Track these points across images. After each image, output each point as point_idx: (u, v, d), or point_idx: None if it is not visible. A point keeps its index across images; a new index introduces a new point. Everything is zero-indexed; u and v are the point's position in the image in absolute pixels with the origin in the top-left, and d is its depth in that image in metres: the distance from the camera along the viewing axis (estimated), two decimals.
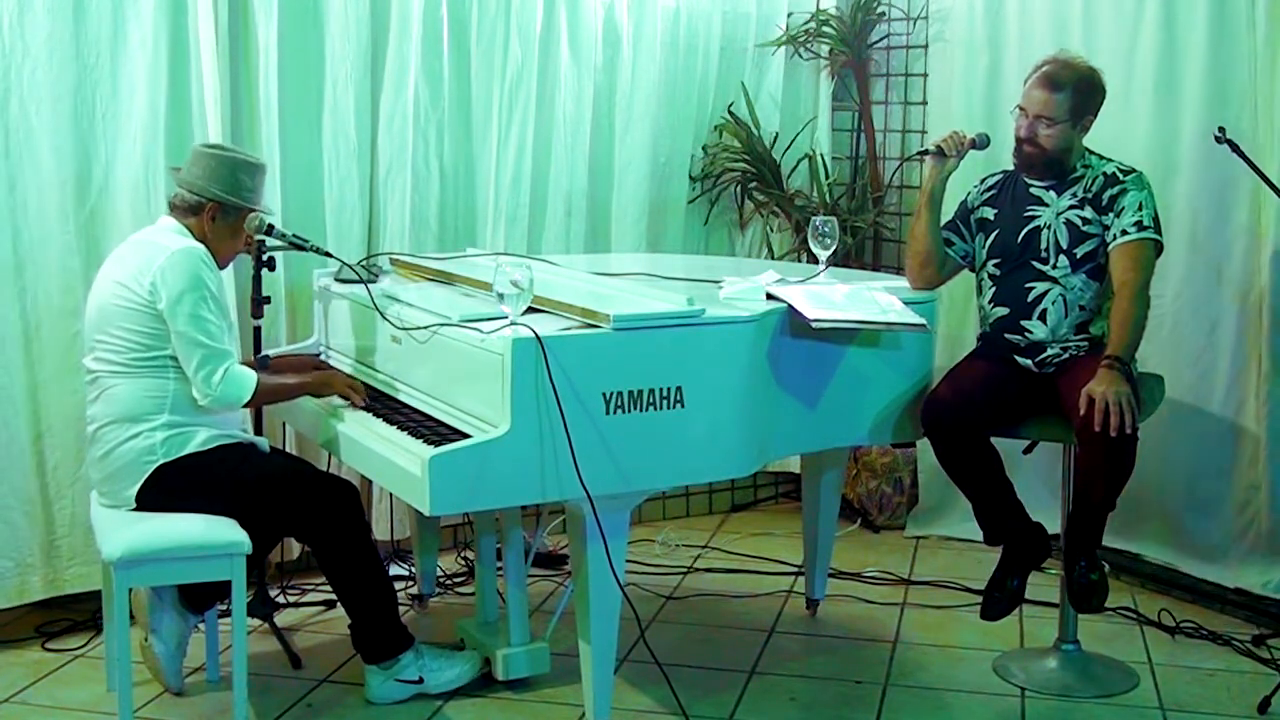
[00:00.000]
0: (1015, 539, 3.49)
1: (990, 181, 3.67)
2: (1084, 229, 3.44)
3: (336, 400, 3.38)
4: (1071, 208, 3.46)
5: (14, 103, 3.59)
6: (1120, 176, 3.44)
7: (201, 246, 3.23)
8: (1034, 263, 3.48)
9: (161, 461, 3.18)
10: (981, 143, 3.62)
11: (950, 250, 3.67)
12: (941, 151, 3.59)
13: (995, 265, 3.57)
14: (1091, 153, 3.52)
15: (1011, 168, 3.59)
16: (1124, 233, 3.39)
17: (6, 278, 3.64)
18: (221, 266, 3.35)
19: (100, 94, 3.72)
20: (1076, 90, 3.42)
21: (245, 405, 3.25)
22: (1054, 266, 3.45)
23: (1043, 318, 3.47)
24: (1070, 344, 3.45)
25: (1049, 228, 3.47)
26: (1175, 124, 4.00)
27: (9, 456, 3.68)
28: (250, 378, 3.20)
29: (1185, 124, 3.97)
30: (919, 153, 3.76)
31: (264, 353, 3.60)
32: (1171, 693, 3.50)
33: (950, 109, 4.67)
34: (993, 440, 3.44)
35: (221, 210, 3.29)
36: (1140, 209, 3.39)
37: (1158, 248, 3.41)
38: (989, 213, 3.61)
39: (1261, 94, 3.78)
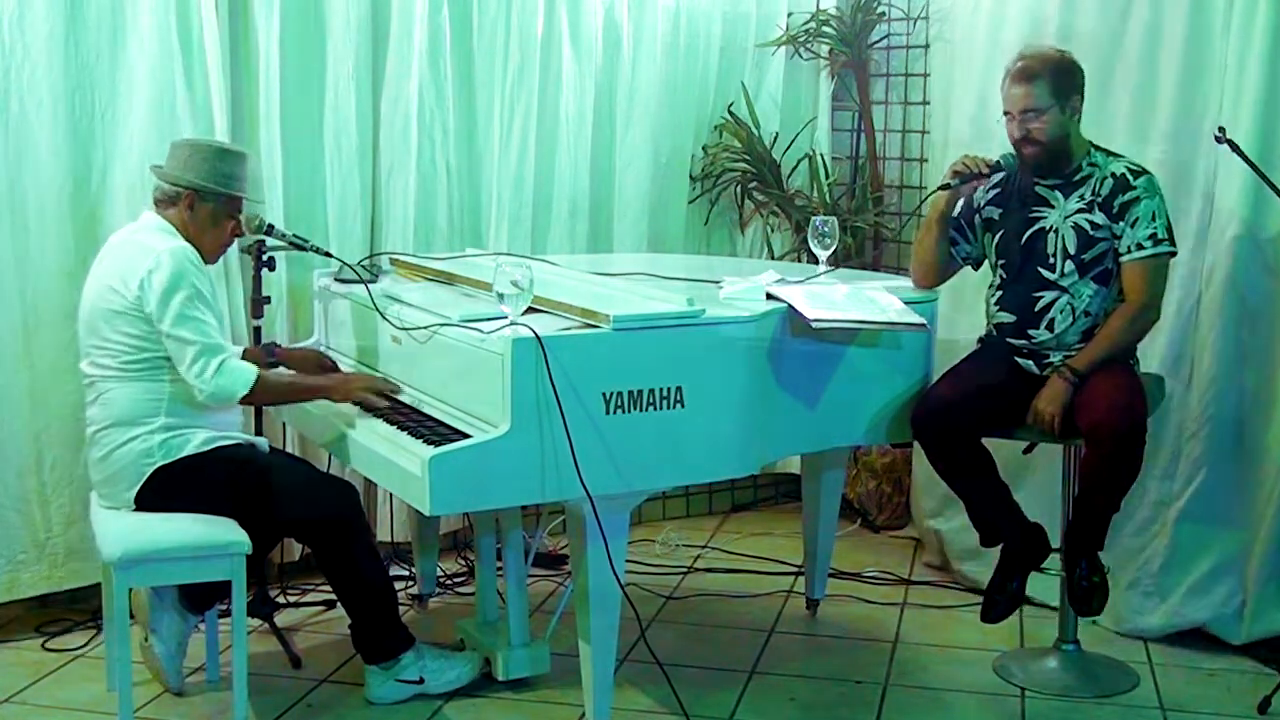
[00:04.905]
0: (1012, 540, 3.48)
1: (996, 178, 3.57)
2: (1093, 234, 3.39)
3: (344, 406, 3.33)
4: (1080, 211, 3.41)
5: (13, 102, 3.61)
6: (1131, 180, 3.38)
7: (188, 245, 3.20)
8: (1040, 269, 3.44)
9: (160, 463, 3.17)
10: (1006, 165, 3.48)
11: (954, 250, 3.64)
12: (965, 177, 3.47)
13: (1002, 267, 3.54)
14: (1097, 149, 3.46)
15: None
16: (1139, 246, 3.35)
17: (6, 275, 3.65)
18: (210, 261, 3.31)
19: (99, 94, 3.73)
20: (1052, 75, 3.35)
21: (248, 401, 3.20)
22: (1061, 274, 3.41)
23: (1050, 326, 3.44)
24: (1075, 350, 3.41)
25: (1055, 231, 3.43)
26: (1152, 118, 3.86)
27: (3, 455, 3.70)
28: (249, 371, 3.15)
29: (1160, 117, 3.83)
30: (940, 186, 3.53)
31: (271, 340, 3.58)
32: (1171, 693, 3.50)
33: (950, 109, 4.66)
34: (996, 442, 3.43)
35: (199, 197, 3.24)
36: (1154, 219, 3.35)
37: (1172, 257, 3.40)
38: (994, 212, 3.56)
39: (1229, 93, 3.67)
